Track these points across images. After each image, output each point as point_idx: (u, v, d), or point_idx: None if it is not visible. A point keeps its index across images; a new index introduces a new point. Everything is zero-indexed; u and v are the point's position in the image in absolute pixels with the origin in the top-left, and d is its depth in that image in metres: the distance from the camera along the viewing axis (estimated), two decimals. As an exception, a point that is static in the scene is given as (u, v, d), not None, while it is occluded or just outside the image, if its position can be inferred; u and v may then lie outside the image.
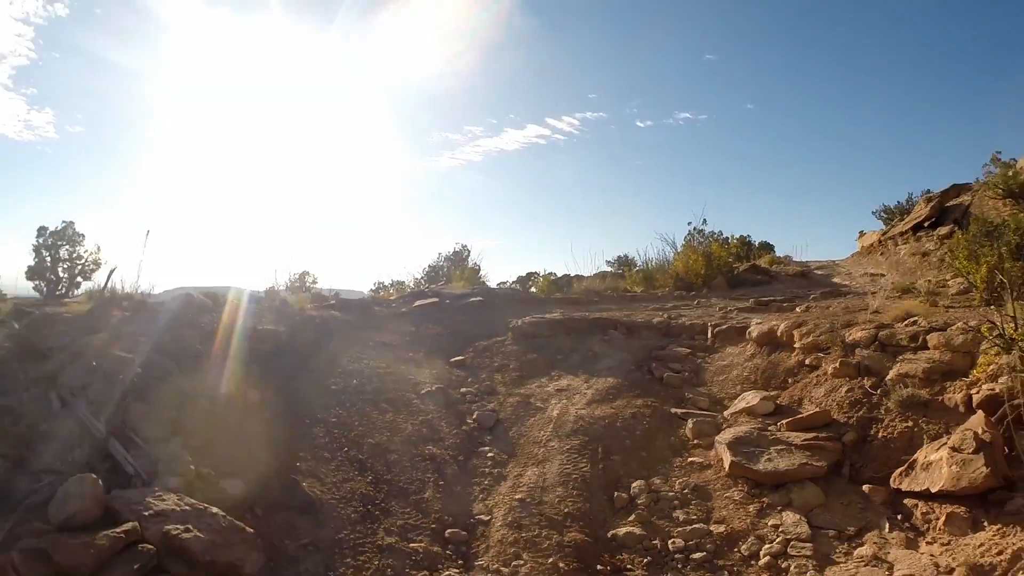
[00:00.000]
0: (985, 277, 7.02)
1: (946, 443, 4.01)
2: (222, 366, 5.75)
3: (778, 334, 6.51)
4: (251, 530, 3.52)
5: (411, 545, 3.76)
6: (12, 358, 5.69)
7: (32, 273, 11.92)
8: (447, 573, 3.55)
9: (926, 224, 13.70)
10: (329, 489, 4.27)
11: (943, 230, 12.35)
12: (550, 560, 3.60)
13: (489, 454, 5.02)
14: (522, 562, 3.60)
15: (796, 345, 6.24)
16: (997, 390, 4.31)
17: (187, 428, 4.62)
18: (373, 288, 16.99)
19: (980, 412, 4.19)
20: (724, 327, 7.36)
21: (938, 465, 3.93)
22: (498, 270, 27.20)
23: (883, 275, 12.66)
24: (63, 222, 12.04)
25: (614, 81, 53.61)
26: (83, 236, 12.38)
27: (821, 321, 6.39)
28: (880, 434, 4.67)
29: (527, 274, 18.02)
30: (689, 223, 13.72)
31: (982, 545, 3.47)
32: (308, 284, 13.20)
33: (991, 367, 4.54)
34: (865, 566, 3.45)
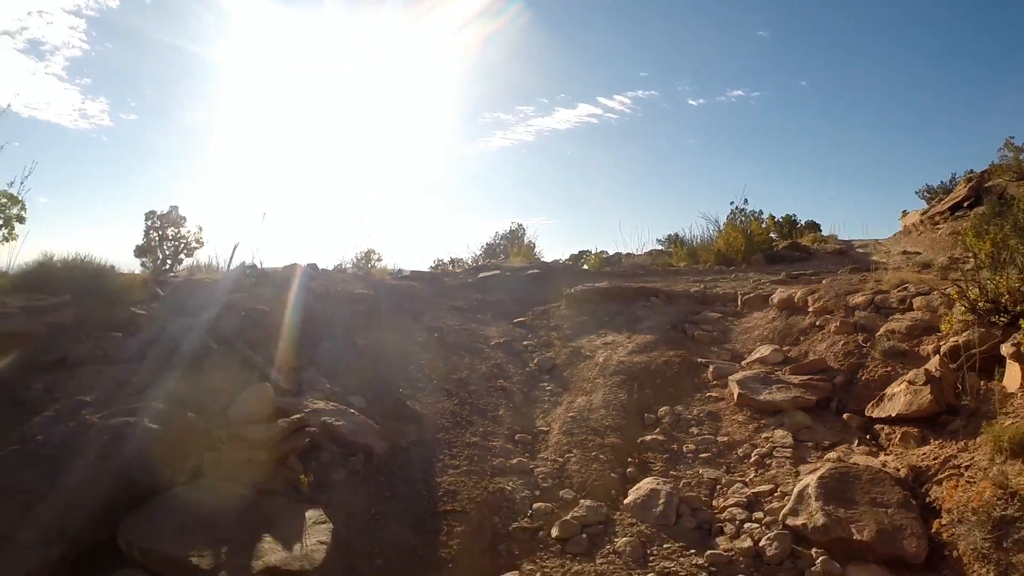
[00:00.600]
0: (990, 252, 7.89)
1: (906, 378, 5.12)
2: (333, 318, 7.20)
3: (795, 300, 7.58)
4: (377, 426, 4.93)
5: (490, 443, 5.11)
6: (165, 316, 7.28)
7: (140, 252, 13.71)
8: (517, 459, 4.89)
9: (965, 204, 14.27)
10: (425, 407, 5.65)
11: (980, 210, 12.93)
12: (593, 454, 4.89)
13: (547, 388, 6.34)
14: (572, 455, 4.91)
15: (810, 309, 7.30)
16: (960, 341, 5.35)
17: (317, 361, 6.08)
18: (433, 265, 18.34)
19: (937, 356, 5.26)
20: (752, 295, 8.44)
21: (898, 395, 5.04)
22: (551, 248, 28.31)
23: (919, 253, 13.29)
24: (170, 207, 13.73)
25: (665, 59, 53.30)
26: (185, 218, 14.11)
27: (832, 289, 7.44)
28: (864, 377, 5.77)
29: (579, 252, 19.11)
30: (731, 203, 14.68)
31: (924, 454, 4.58)
32: (373, 262, 14.60)
33: (957, 323, 5.58)
34: (830, 463, 4.61)
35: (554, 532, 4.10)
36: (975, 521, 3.66)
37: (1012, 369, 4.82)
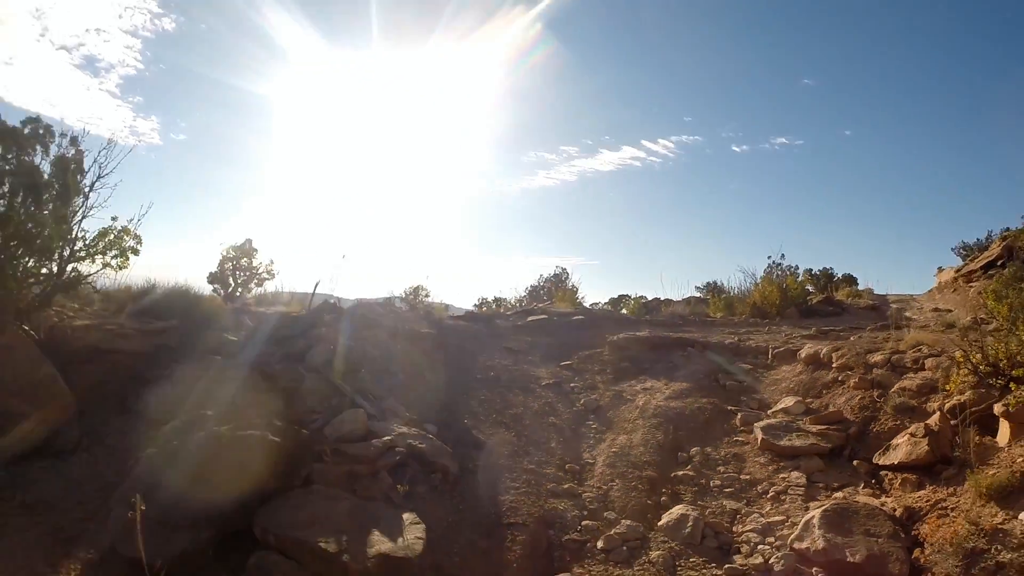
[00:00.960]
0: (1007, 315, 8.53)
1: (909, 431, 5.87)
2: (403, 355, 8.22)
3: (821, 356, 8.33)
4: (450, 450, 5.87)
5: (544, 471, 6.01)
6: (256, 344, 8.35)
7: (212, 278, 15.06)
8: (567, 485, 5.78)
9: (999, 263, 14.73)
10: (487, 437, 6.58)
11: (1004, 272, 13.41)
12: (632, 484, 5.74)
13: (593, 426, 7.20)
14: (615, 484, 5.77)
15: (834, 365, 8.04)
16: (961, 400, 6.07)
17: (395, 391, 7.09)
18: (476, 304, 19.35)
19: (938, 412, 5.99)
20: (781, 349, 9.20)
21: (901, 446, 5.79)
22: (592, 289, 29.25)
23: (950, 311, 13.78)
24: (245, 239, 15.12)
25: (710, 104, 54.53)
26: (257, 250, 15.46)
27: (855, 347, 8.18)
28: (875, 429, 6.50)
29: (619, 296, 20.01)
30: (769, 257, 15.49)
31: (919, 497, 5.31)
32: (421, 297, 15.66)
33: (961, 383, 6.30)
34: (834, 500, 5.37)
35: (599, 544, 4.96)
36: (951, 551, 4.42)
37: (1003, 427, 5.54)
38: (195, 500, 4.79)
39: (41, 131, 6.88)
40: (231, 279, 15.48)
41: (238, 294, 15.22)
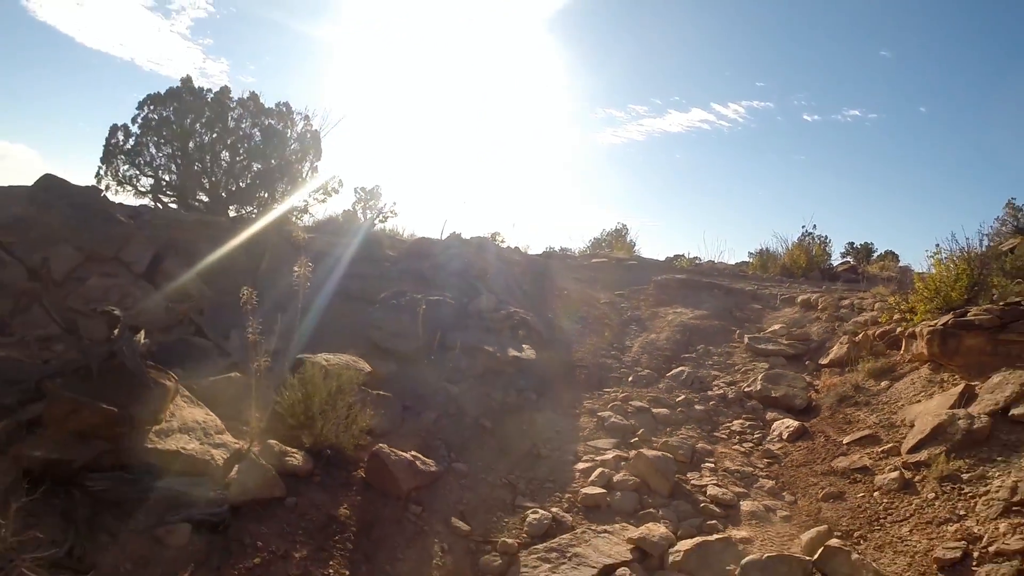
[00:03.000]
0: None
1: (840, 340, 8.96)
2: (506, 271, 11.65)
3: (811, 301, 11.33)
4: (542, 325, 9.31)
5: (600, 345, 9.41)
6: (407, 258, 11.87)
7: (346, 216, 18.74)
8: (614, 353, 9.17)
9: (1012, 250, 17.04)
10: (564, 326, 9.97)
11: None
12: (655, 357, 9.08)
13: (634, 328, 10.53)
14: (643, 356, 9.12)
15: (819, 307, 11.05)
16: (888, 328, 9.07)
17: (504, 292, 10.53)
18: (545, 250, 22.56)
19: (865, 331, 9.04)
20: (787, 296, 12.22)
21: (833, 349, 8.90)
22: (649, 245, 31.87)
23: (954, 288, 16.18)
24: (375, 184, 18.71)
25: (784, 70, 54.56)
26: (382, 193, 19.07)
27: (836, 295, 11.17)
28: (828, 345, 9.58)
29: (674, 256, 22.96)
30: (803, 226, 18.21)
31: (838, 381, 8.44)
32: (498, 241, 18.90)
33: (890, 318, 9.30)
34: (777, 370, 8.55)
35: (630, 379, 8.35)
36: (832, 395, 7.60)
37: (904, 343, 8.58)
38: (418, 324, 8.29)
39: (285, 110, 10.52)
40: (360, 215, 19.10)
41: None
